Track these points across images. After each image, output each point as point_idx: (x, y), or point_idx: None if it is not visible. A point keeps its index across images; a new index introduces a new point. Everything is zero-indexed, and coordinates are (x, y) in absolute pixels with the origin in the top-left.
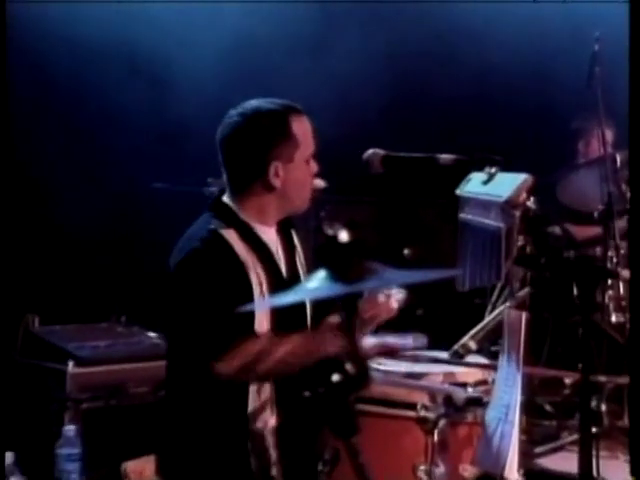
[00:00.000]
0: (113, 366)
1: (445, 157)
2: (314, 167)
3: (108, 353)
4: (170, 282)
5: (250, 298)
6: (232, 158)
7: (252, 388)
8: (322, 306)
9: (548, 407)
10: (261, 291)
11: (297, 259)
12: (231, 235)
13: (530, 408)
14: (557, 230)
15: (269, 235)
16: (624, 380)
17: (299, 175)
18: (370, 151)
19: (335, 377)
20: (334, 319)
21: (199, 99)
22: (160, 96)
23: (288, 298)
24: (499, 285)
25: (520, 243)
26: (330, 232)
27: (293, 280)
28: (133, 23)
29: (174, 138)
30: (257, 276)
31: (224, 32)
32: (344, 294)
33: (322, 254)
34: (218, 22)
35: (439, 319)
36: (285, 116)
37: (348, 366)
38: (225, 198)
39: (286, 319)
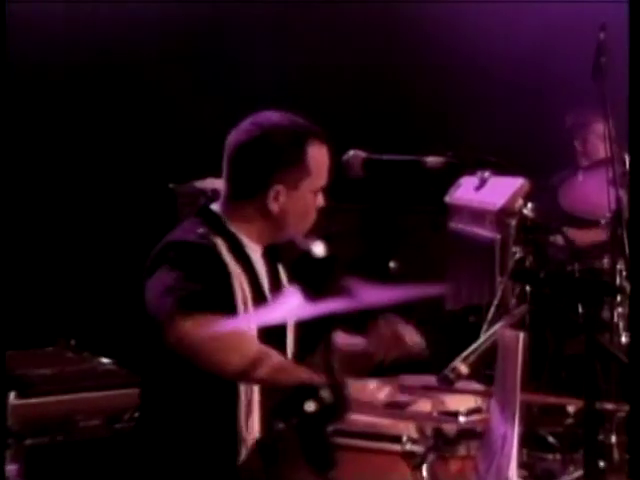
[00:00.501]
0: (61, 396)
1: (433, 160)
2: (320, 201)
3: (55, 382)
4: (145, 272)
5: (232, 312)
6: (236, 168)
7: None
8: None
9: (551, 439)
10: (246, 310)
11: (282, 280)
12: (220, 244)
13: (530, 440)
14: (559, 240)
15: (257, 254)
16: None
17: (301, 205)
18: (349, 153)
19: (309, 406)
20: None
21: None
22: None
23: (258, 318)
24: (495, 301)
25: (519, 255)
26: (303, 246)
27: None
28: None
29: (131, 137)
30: (243, 292)
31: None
32: (318, 315)
33: (295, 271)
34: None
35: (428, 340)
36: (303, 139)
37: (324, 393)
38: (214, 207)
39: (267, 340)
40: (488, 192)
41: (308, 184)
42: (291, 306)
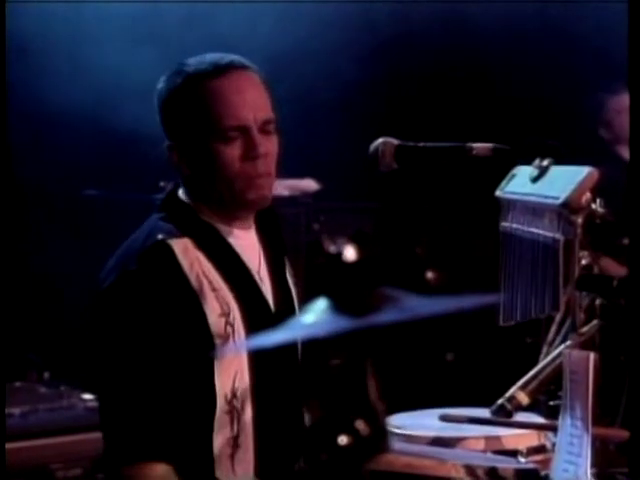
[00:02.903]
0: (33, 441)
1: (480, 146)
2: (251, 147)
3: (26, 424)
4: (91, 316)
5: (205, 340)
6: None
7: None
8: (316, 348)
9: None
10: (227, 325)
11: (288, 279)
12: (185, 247)
13: None
14: None
15: (245, 241)
16: None
17: (205, 160)
18: (379, 141)
19: (342, 439)
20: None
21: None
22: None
23: (273, 338)
24: (558, 317)
25: (585, 261)
26: (332, 249)
27: (284, 310)
28: None
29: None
30: (220, 305)
31: None
32: (352, 330)
33: (321, 278)
34: None
35: (477, 365)
36: (191, 79)
37: (359, 425)
38: (181, 193)
39: (272, 367)
40: (548, 184)
41: (204, 130)
42: (318, 322)
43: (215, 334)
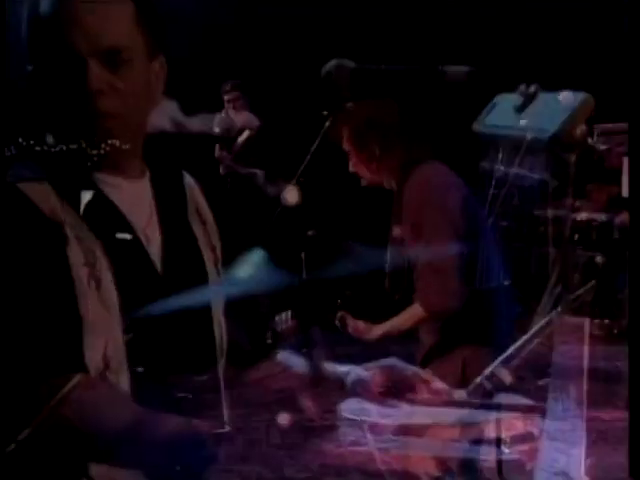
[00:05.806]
0: None
1: (454, 70)
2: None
3: None
4: None
5: (69, 291)
6: None
7: None
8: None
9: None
10: (90, 277)
11: (198, 232)
12: (44, 192)
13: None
14: None
15: (127, 194)
16: None
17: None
18: (331, 63)
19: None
20: None
21: None
22: None
23: (196, 297)
24: (553, 279)
25: (586, 214)
26: (271, 191)
27: (178, 274)
28: None
29: None
30: (84, 254)
31: None
32: (295, 287)
33: (256, 226)
34: None
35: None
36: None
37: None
38: None
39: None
40: (535, 114)
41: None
42: (254, 277)
43: (77, 286)
